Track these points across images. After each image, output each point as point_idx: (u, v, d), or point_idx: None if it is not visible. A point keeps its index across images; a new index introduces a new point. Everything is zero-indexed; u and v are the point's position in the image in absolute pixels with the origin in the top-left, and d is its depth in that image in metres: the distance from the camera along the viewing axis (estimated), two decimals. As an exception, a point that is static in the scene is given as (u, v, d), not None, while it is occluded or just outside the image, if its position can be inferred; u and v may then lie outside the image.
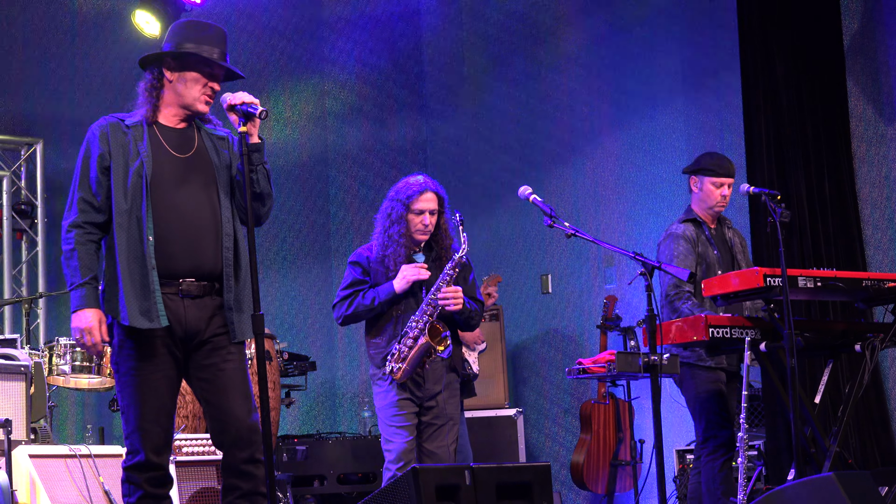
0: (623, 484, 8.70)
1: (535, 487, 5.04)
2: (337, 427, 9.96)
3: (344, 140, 10.68)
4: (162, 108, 4.54)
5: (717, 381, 6.21)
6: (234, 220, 4.55)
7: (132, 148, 4.45)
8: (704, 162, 6.42)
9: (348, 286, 5.89)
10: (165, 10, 8.59)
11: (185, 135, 4.56)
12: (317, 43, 10.65)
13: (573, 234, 5.44)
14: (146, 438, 4.39)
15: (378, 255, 5.85)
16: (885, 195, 8.26)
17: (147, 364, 4.40)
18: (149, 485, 4.43)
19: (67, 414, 9.01)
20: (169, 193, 4.44)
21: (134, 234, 4.39)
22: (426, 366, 5.71)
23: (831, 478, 4.81)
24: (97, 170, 4.46)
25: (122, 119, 4.53)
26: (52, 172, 9.23)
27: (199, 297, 4.45)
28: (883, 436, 8.00)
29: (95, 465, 5.94)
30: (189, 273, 4.42)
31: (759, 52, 8.36)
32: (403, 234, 5.82)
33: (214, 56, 4.50)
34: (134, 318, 4.35)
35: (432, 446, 5.77)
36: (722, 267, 6.32)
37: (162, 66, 4.53)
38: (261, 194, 4.50)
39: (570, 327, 9.79)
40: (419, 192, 5.85)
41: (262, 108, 4.40)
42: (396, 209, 5.85)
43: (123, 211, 4.40)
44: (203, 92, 4.51)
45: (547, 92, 10.19)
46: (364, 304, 5.80)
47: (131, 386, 4.40)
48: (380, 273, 5.83)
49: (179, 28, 4.56)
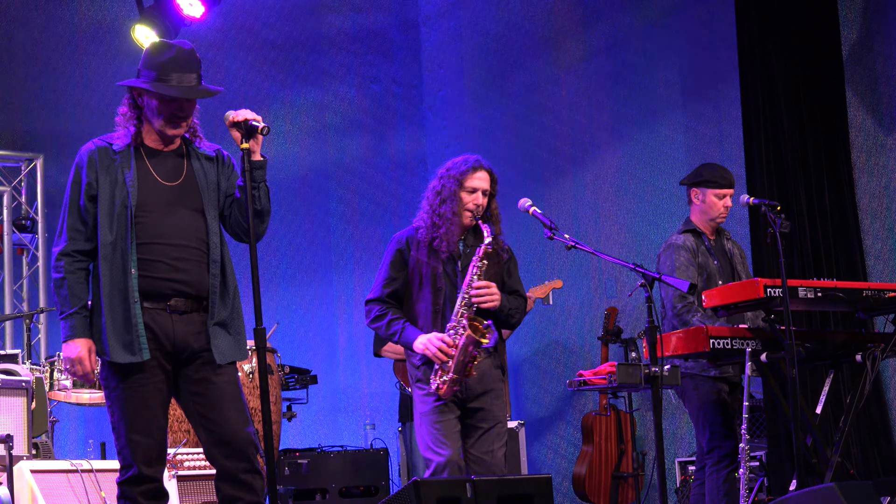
0: (625, 496, 8.69)
1: (537, 499, 5.03)
2: (339, 440, 9.95)
3: (344, 153, 10.70)
4: (145, 131, 4.52)
5: (720, 391, 6.21)
6: (222, 246, 4.54)
7: (119, 176, 4.43)
8: (706, 174, 6.42)
9: (385, 284, 5.50)
10: (165, 25, 8.60)
11: (172, 159, 4.53)
12: (316, 56, 10.66)
13: (573, 245, 5.44)
14: (137, 451, 4.38)
15: (426, 237, 5.49)
16: (884, 205, 8.27)
17: (137, 378, 4.39)
18: (143, 498, 4.41)
19: (69, 429, 9.00)
20: (155, 223, 4.42)
21: (118, 265, 4.39)
22: (472, 372, 5.38)
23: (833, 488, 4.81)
24: (85, 198, 4.45)
25: (109, 143, 4.50)
26: (52, 187, 9.24)
27: (187, 313, 4.44)
28: (885, 446, 7.99)
29: (97, 480, 5.93)
30: (176, 294, 4.42)
31: (759, 63, 8.37)
32: (456, 212, 5.46)
33: (182, 83, 4.42)
34: (116, 352, 4.35)
35: (479, 451, 5.43)
36: (722, 277, 6.32)
37: (133, 92, 4.50)
38: (261, 211, 4.50)
39: (571, 339, 9.79)
40: (473, 167, 5.50)
41: (264, 124, 4.41)
42: (448, 186, 5.49)
43: (108, 242, 4.39)
44: (169, 120, 4.46)
45: (546, 104, 10.21)
46: (387, 333, 5.47)
47: (121, 400, 4.40)
48: (423, 262, 5.48)
49: (146, 54, 4.51)
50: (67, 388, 7.23)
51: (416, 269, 5.51)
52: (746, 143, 8.42)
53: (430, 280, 5.49)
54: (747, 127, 8.44)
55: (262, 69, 10.38)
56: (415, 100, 11.10)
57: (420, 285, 5.50)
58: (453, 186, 5.47)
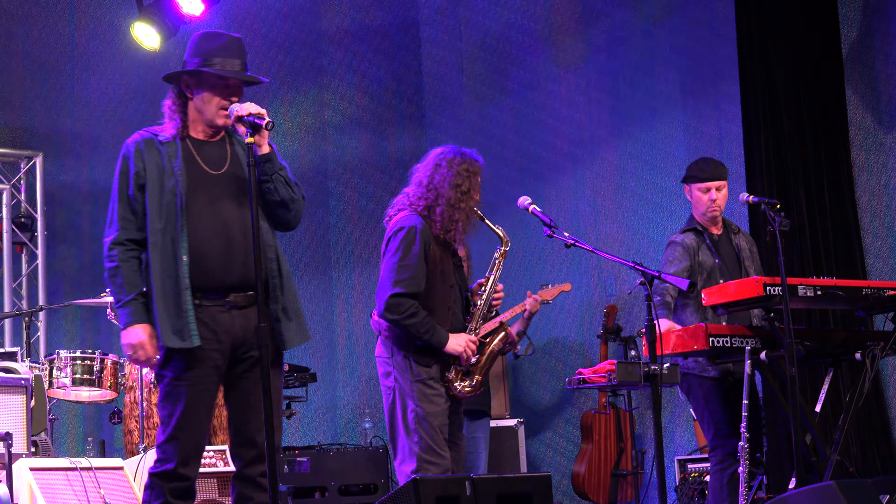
0: (624, 494, 8.69)
1: (536, 498, 5.03)
2: (338, 438, 9.95)
3: (343, 151, 10.69)
4: (191, 122, 4.56)
5: (724, 390, 6.20)
6: (272, 231, 4.58)
7: (166, 165, 4.46)
8: (690, 169, 6.46)
9: (418, 279, 5.32)
10: (165, 23, 8.60)
11: (218, 149, 4.57)
12: (316, 55, 10.66)
13: (573, 244, 5.44)
14: (178, 449, 4.40)
15: (440, 230, 5.39)
16: (884, 203, 8.27)
17: (191, 376, 4.41)
18: (171, 495, 4.43)
19: (68, 427, 9.00)
20: (204, 211, 4.45)
21: (168, 253, 4.41)
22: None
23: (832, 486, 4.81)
24: (134, 187, 4.46)
25: (155, 134, 4.54)
26: (51, 185, 9.24)
27: (246, 308, 4.47)
28: (884, 444, 7.99)
29: (96, 478, 5.93)
30: (235, 288, 4.44)
31: (758, 61, 8.37)
32: (472, 209, 5.44)
33: (227, 67, 4.49)
34: (167, 337, 4.37)
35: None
36: (724, 275, 6.30)
37: (180, 83, 4.55)
38: (283, 201, 4.53)
39: (570, 337, 9.79)
40: (481, 167, 5.50)
41: (269, 119, 4.42)
42: (470, 181, 5.44)
43: (157, 230, 4.42)
44: (220, 106, 4.51)
45: (546, 102, 10.20)
46: (420, 331, 5.27)
47: (172, 396, 4.42)
48: (438, 257, 5.37)
49: (194, 42, 4.57)
50: (66, 386, 7.24)
51: (434, 264, 5.41)
52: (746, 142, 8.42)
53: (444, 276, 5.43)
54: (747, 125, 8.44)
55: (262, 67, 10.37)
56: (415, 98, 11.10)
57: (435, 280, 5.40)
58: (473, 183, 5.45)
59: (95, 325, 9.11)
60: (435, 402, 5.34)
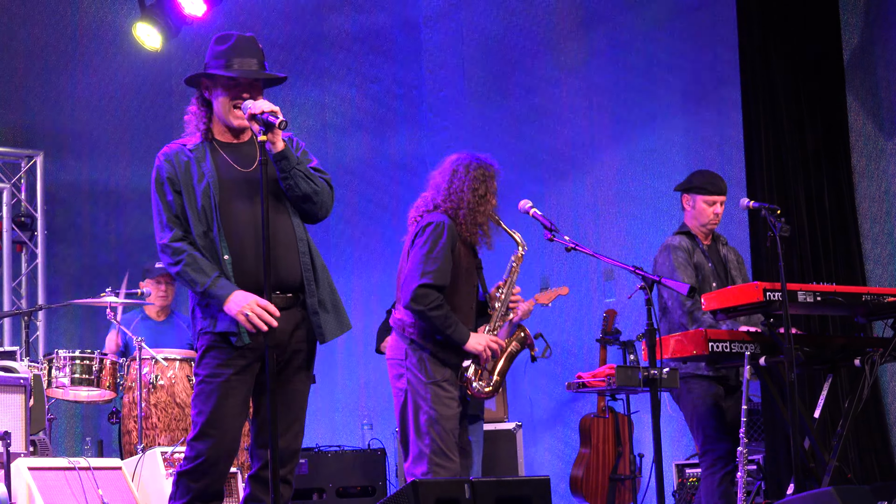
0: (622, 498, 8.69)
1: (535, 501, 5.03)
2: (336, 440, 9.94)
3: (344, 153, 10.69)
4: (215, 125, 4.59)
5: (714, 393, 6.20)
6: (302, 224, 4.60)
7: (195, 169, 4.48)
8: (696, 180, 6.43)
9: (445, 272, 5.34)
10: (166, 24, 8.60)
11: (246, 149, 4.59)
12: (317, 56, 10.66)
13: (573, 247, 5.45)
14: (209, 448, 4.40)
15: (465, 231, 5.42)
16: (884, 210, 8.27)
17: (227, 375, 4.42)
18: (198, 494, 4.43)
19: (66, 426, 9.00)
20: (239, 211, 4.47)
21: (212, 254, 4.45)
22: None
23: (831, 492, 4.82)
24: (171, 192, 4.48)
25: (183, 144, 4.57)
26: (52, 185, 9.24)
27: (286, 309, 4.47)
28: (882, 450, 8.00)
29: (94, 478, 5.93)
30: (274, 287, 4.43)
31: (759, 66, 8.38)
32: (489, 213, 5.47)
33: (243, 67, 4.52)
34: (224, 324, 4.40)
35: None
36: (716, 281, 6.31)
37: (200, 88, 4.59)
38: (305, 196, 4.53)
39: (569, 341, 9.79)
40: (497, 173, 5.52)
41: (282, 118, 4.42)
42: (487, 186, 5.46)
43: (200, 233, 4.45)
44: (233, 106, 4.53)
45: (547, 106, 10.20)
46: (443, 324, 5.30)
47: (205, 394, 4.43)
48: (462, 256, 5.41)
49: (210, 46, 4.61)
50: (65, 386, 7.23)
51: (459, 263, 5.44)
52: (747, 147, 8.42)
53: (468, 275, 5.47)
54: (748, 131, 8.44)
55: (263, 68, 10.37)
56: (415, 100, 11.10)
57: (459, 279, 5.43)
58: (490, 187, 5.48)
59: (94, 325, 9.11)
60: (448, 405, 5.36)
